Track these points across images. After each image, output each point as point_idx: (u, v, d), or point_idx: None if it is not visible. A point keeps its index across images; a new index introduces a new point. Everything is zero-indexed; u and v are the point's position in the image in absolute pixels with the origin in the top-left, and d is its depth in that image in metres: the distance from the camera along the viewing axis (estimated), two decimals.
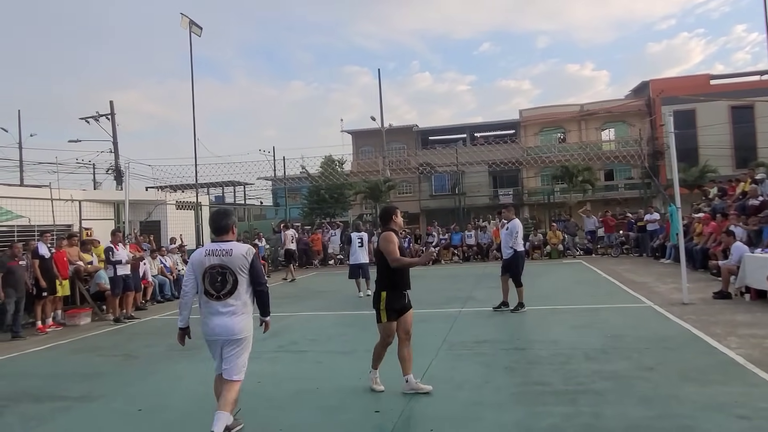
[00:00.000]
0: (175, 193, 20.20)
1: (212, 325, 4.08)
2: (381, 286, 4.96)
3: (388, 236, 4.97)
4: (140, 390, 5.69)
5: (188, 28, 19.63)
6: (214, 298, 4.03)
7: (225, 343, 4.09)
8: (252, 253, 4.11)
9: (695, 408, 4.23)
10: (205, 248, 4.14)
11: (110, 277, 10.40)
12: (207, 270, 4.00)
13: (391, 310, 4.93)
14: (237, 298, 4.04)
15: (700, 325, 7.12)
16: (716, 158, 32.34)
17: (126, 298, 10.58)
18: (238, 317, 4.05)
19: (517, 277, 9.14)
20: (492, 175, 40.54)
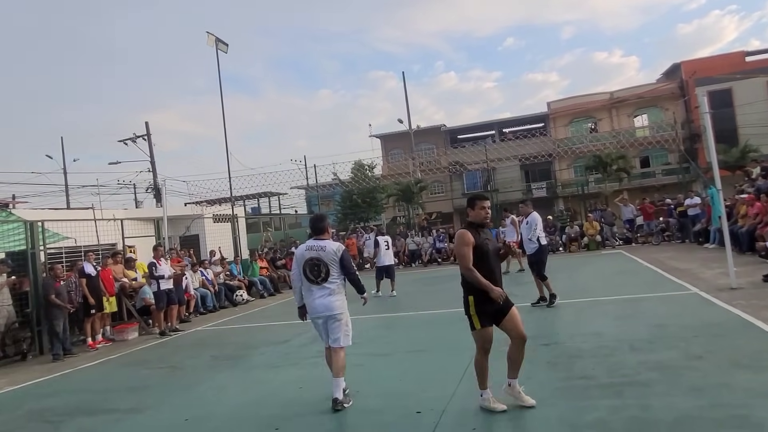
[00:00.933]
0: (212, 207, 20.60)
1: (314, 305, 5.13)
2: (466, 290, 4.40)
3: (460, 237, 4.39)
4: (186, 400, 5.82)
5: (215, 46, 20.05)
6: (314, 283, 5.12)
7: (327, 319, 5.14)
8: (342, 250, 5.20)
9: (748, 396, 4.07)
10: (306, 245, 5.25)
11: (154, 291, 10.65)
12: (306, 261, 5.11)
13: (483, 314, 4.34)
14: (331, 283, 5.10)
15: (750, 310, 6.85)
16: (757, 137, 31.09)
17: (170, 311, 10.83)
18: (334, 297, 5.13)
19: (541, 270, 9.00)
20: (524, 170, 40.02)
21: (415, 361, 6.41)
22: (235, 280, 15.11)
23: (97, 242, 12.17)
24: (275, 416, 4.91)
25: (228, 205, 20.93)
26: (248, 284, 15.59)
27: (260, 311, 12.97)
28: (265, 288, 15.96)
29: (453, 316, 9.20)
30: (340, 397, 4.89)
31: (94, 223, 12.56)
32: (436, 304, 10.84)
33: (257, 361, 7.36)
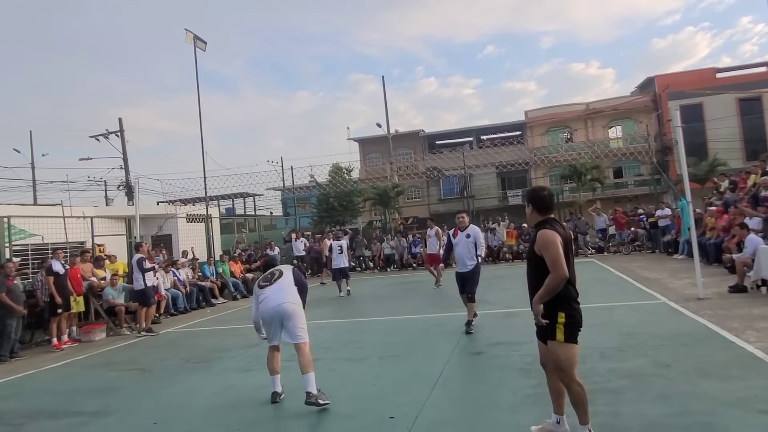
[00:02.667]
0: (186, 207, 20.30)
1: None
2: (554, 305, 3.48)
3: (544, 237, 3.47)
4: (154, 403, 5.71)
5: (193, 43, 19.81)
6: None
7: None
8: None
9: (714, 404, 4.17)
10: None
11: (141, 288, 10.53)
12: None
13: (574, 327, 3.51)
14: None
15: (716, 320, 7.03)
16: (726, 151, 32.04)
17: (148, 310, 10.75)
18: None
19: (475, 290, 7.95)
20: (500, 177, 40.44)
21: (389, 366, 6.39)
22: (207, 281, 14.89)
23: (65, 240, 11.88)
24: (246, 420, 4.85)
25: (202, 205, 20.67)
26: (221, 286, 15.38)
27: (233, 313, 12.80)
28: (238, 290, 15.78)
29: (427, 322, 9.24)
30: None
31: (62, 220, 12.26)
32: (411, 309, 10.85)
33: (229, 364, 7.25)
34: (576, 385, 3.51)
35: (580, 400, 3.52)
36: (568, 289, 3.47)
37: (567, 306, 3.46)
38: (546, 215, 3.64)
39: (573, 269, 3.54)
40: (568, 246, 3.54)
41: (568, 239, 3.59)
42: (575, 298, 3.52)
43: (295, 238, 21.04)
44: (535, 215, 3.65)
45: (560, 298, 3.46)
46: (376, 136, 38.64)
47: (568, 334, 3.46)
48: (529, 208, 3.69)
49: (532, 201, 3.68)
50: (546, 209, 3.65)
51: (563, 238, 3.48)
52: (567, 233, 3.61)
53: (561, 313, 3.45)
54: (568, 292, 3.47)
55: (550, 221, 3.60)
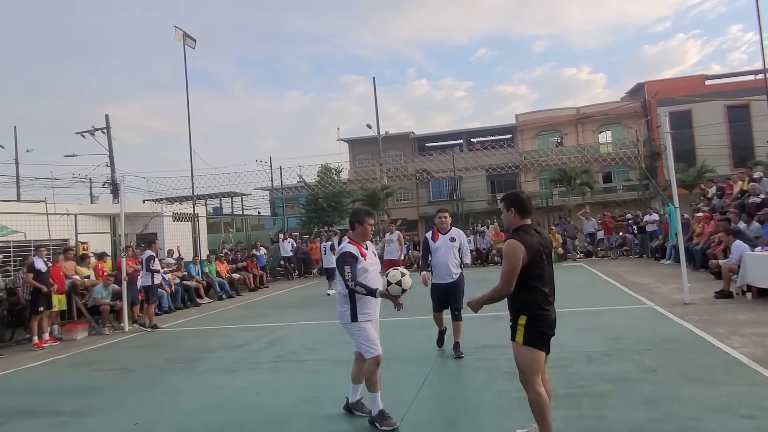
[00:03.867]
0: (172, 206, 20.13)
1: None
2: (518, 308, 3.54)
3: (507, 248, 3.48)
4: (137, 404, 5.61)
5: (182, 41, 19.66)
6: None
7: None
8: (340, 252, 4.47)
9: (699, 409, 4.17)
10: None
11: (148, 285, 10.84)
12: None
13: (536, 331, 3.47)
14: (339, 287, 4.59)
15: (702, 325, 7.06)
16: (714, 158, 32.34)
17: (149, 307, 10.84)
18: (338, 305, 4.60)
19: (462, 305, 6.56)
20: (490, 180, 40.53)
21: None
22: (192, 281, 14.76)
23: (48, 237, 11.71)
24: (230, 422, 4.78)
25: (189, 203, 20.51)
26: (206, 285, 15.25)
27: (218, 313, 12.68)
28: (224, 290, 15.65)
29: (415, 324, 9.19)
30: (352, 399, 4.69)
31: (45, 217, 12.09)
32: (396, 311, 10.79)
33: (213, 365, 7.16)
34: (532, 392, 3.48)
35: (535, 407, 3.49)
36: (534, 294, 3.46)
37: (530, 310, 3.46)
38: (525, 219, 3.62)
39: (547, 275, 3.55)
40: (542, 253, 3.51)
41: (545, 245, 3.58)
42: (543, 305, 3.48)
43: (282, 238, 20.93)
44: (517, 218, 3.62)
45: (524, 302, 3.48)
46: (366, 137, 38.59)
47: (528, 337, 3.45)
48: (511, 212, 3.63)
49: (513, 204, 3.63)
50: (526, 212, 3.63)
51: (534, 246, 3.45)
52: (545, 239, 3.63)
53: (523, 315, 3.48)
54: (533, 297, 3.46)
55: (525, 228, 3.57)
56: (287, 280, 20.51)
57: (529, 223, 3.62)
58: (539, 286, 3.48)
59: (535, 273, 3.45)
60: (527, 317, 3.46)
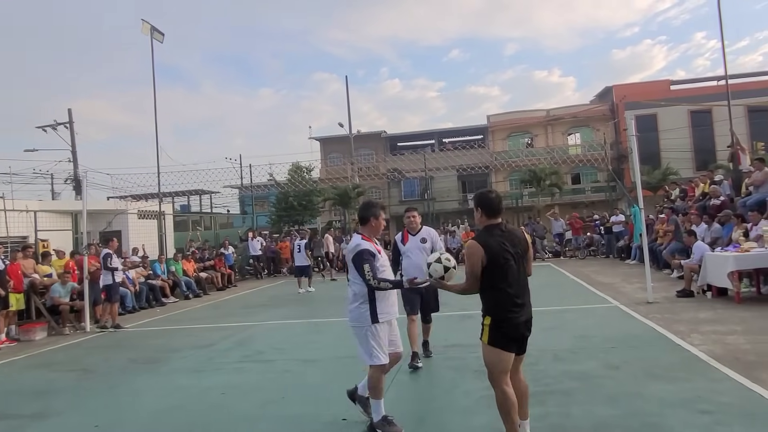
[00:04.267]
0: (138, 203, 19.68)
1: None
2: (485, 308, 3.52)
3: (467, 249, 3.51)
4: (97, 406, 5.45)
5: (150, 35, 19.24)
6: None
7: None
8: (355, 249, 4.11)
9: (660, 405, 4.26)
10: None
11: (108, 284, 10.45)
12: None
13: (500, 333, 3.44)
14: (350, 285, 4.24)
15: (664, 324, 7.23)
16: (677, 161, 33.27)
17: (104, 308, 10.51)
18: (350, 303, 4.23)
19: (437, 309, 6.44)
20: (461, 180, 40.84)
21: (344, 367, 6.29)
22: (158, 280, 14.45)
23: (6, 234, 11.31)
24: (195, 423, 4.68)
25: (155, 201, 20.08)
26: (172, 285, 14.95)
27: (184, 313, 12.45)
28: (191, 289, 15.38)
29: None
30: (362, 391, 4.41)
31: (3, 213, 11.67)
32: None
33: (178, 365, 7.01)
34: (499, 391, 3.49)
35: (500, 406, 3.49)
36: (497, 295, 3.43)
37: (494, 312, 3.45)
38: (492, 219, 3.55)
39: (514, 276, 3.46)
40: (508, 253, 3.42)
41: (514, 244, 3.48)
42: (508, 306, 3.43)
43: (251, 237, 20.69)
44: (484, 218, 3.57)
45: (488, 303, 3.48)
46: (338, 135, 38.42)
47: (492, 338, 3.44)
48: (478, 212, 3.60)
49: (479, 204, 3.59)
50: (492, 212, 3.55)
51: (495, 247, 3.39)
52: (515, 239, 3.53)
53: (488, 316, 3.47)
54: (496, 299, 3.44)
55: (489, 228, 3.52)
56: (256, 280, 20.29)
57: (496, 222, 3.55)
58: (504, 288, 3.42)
59: (497, 274, 3.40)
60: (491, 318, 3.45)
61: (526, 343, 3.63)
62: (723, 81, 18.97)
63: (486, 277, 3.42)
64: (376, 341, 4.09)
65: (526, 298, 3.56)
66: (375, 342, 4.09)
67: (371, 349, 4.09)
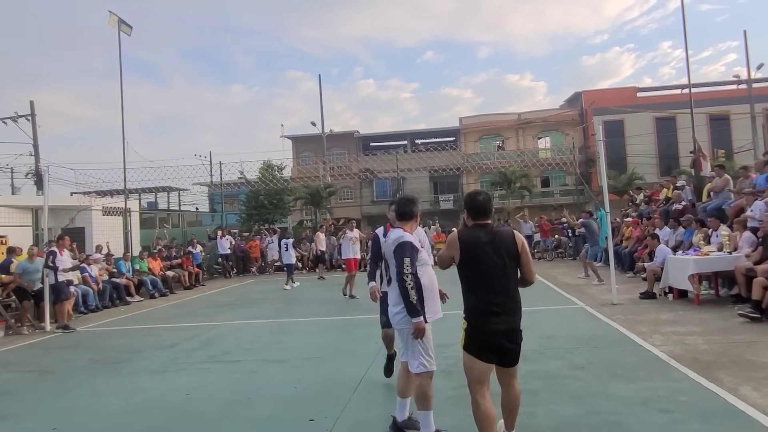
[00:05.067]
0: (102, 199, 19.17)
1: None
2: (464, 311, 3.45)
3: (448, 237, 3.58)
4: (55, 407, 5.28)
5: (117, 27, 18.77)
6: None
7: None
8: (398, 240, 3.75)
9: (621, 404, 4.35)
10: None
11: (51, 284, 10.02)
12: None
13: (473, 340, 3.35)
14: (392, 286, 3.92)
15: (627, 324, 7.39)
16: (643, 166, 34.14)
17: (60, 307, 10.15)
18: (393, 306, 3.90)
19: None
20: (433, 181, 41.07)
21: (311, 367, 6.25)
22: (122, 278, 14.11)
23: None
24: (157, 426, 4.58)
25: (121, 197, 19.62)
26: (137, 283, 14.62)
27: (148, 312, 12.18)
28: (157, 288, 15.06)
29: (351, 323, 9.17)
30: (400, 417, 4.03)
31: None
32: (337, 310, 10.74)
33: (141, 366, 6.84)
34: (472, 399, 3.36)
35: (474, 416, 3.37)
36: (473, 301, 3.34)
37: (469, 316, 3.37)
38: (479, 220, 3.43)
39: (493, 280, 3.30)
40: (486, 254, 3.28)
41: (500, 245, 3.32)
42: (484, 314, 3.27)
43: (220, 235, 20.40)
44: (470, 219, 3.47)
45: (466, 306, 3.40)
46: (311, 134, 38.18)
47: (466, 343, 3.36)
48: (464, 213, 3.54)
49: (465, 205, 3.53)
50: (477, 213, 3.43)
51: (471, 243, 3.32)
52: (502, 241, 3.35)
53: (464, 320, 3.39)
54: (472, 304, 3.35)
55: (474, 228, 3.42)
56: (225, 279, 20.00)
57: (483, 223, 3.42)
58: (479, 292, 3.30)
59: (471, 276, 3.31)
60: (467, 323, 3.37)
61: (512, 355, 3.40)
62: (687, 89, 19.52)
63: (462, 278, 3.36)
64: (424, 345, 3.75)
65: (510, 305, 3.32)
66: (422, 346, 3.74)
67: (419, 355, 3.74)
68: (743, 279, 7.94)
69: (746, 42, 27.60)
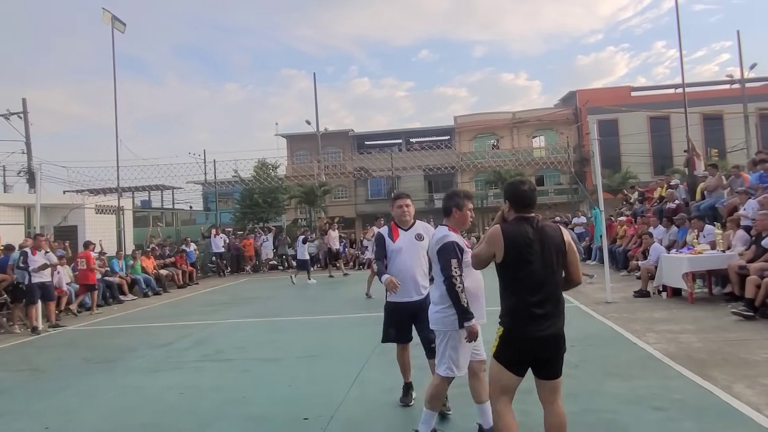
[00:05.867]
0: (95, 197, 19.07)
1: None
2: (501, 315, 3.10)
3: (489, 232, 3.17)
4: (48, 407, 5.24)
5: (110, 24, 18.66)
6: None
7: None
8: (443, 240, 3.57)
9: (616, 402, 4.35)
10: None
11: (25, 285, 9.83)
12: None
13: (508, 348, 3.02)
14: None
15: (621, 323, 7.41)
16: (637, 165, 34.32)
17: (47, 306, 10.01)
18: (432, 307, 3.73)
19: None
20: (427, 180, 41.08)
21: (306, 366, 6.23)
22: (116, 277, 14.04)
23: None
24: (150, 425, 4.55)
25: (114, 195, 19.52)
26: (131, 282, 14.55)
27: (142, 311, 12.13)
28: (150, 287, 15.00)
29: (346, 322, 9.15)
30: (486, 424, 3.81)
31: None
32: (332, 309, 10.72)
33: (134, 365, 6.81)
34: (493, 411, 3.13)
35: (495, 426, 3.15)
36: (513, 302, 2.97)
37: (507, 321, 2.98)
38: (523, 212, 3.03)
39: (540, 280, 2.94)
40: (534, 251, 2.91)
41: (548, 241, 2.96)
42: (524, 317, 2.92)
43: (214, 234, 20.33)
44: (511, 212, 3.07)
45: (504, 310, 3.01)
46: (305, 133, 38.12)
47: (497, 350, 3.01)
48: (506, 204, 3.11)
49: (506, 195, 3.12)
50: (521, 205, 3.03)
51: (519, 240, 2.92)
52: (550, 236, 2.98)
53: (499, 326, 3.03)
54: (512, 307, 2.97)
55: (518, 221, 3.01)
56: (219, 277, 19.94)
57: (527, 216, 3.02)
58: (522, 294, 2.93)
59: (516, 275, 2.94)
60: (503, 328, 2.99)
61: (556, 365, 3.09)
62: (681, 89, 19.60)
63: (502, 277, 3.02)
64: (456, 351, 3.60)
65: (552, 308, 2.97)
66: (453, 351, 3.60)
67: (447, 359, 3.62)
68: (736, 277, 7.98)
69: (739, 42, 27.78)
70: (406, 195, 4.76)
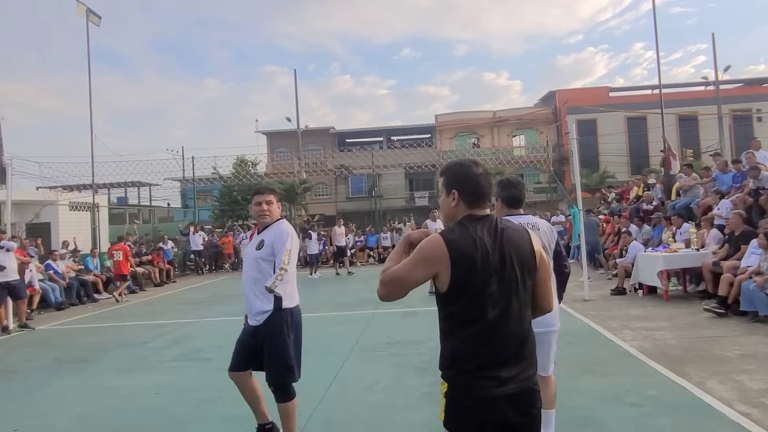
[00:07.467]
0: (70, 194, 18.69)
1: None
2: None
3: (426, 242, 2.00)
4: (17, 409, 5.10)
5: (85, 17, 18.28)
6: None
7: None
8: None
9: (593, 398, 4.40)
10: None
11: None
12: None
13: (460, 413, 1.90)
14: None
15: (598, 320, 7.50)
16: (614, 165, 34.79)
17: (18, 305, 9.74)
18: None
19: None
20: (408, 178, 41.16)
21: None
22: (90, 275, 13.77)
23: None
24: (124, 426, 4.45)
25: (89, 192, 19.15)
26: (105, 280, 14.29)
27: (117, 310, 11.91)
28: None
29: (327, 320, 9.10)
30: None
31: None
32: (311, 307, 10.65)
33: (108, 365, 6.68)
34: None
35: None
36: (461, 347, 1.95)
37: (451, 372, 1.97)
38: (476, 209, 2.02)
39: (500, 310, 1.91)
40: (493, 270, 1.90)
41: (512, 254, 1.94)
42: (478, 362, 1.89)
43: (193, 231, 20.08)
44: (460, 207, 2.03)
45: (448, 355, 2.00)
46: (286, 130, 37.84)
47: (447, 416, 1.94)
48: (451, 197, 2.06)
49: (449, 182, 2.12)
50: (472, 197, 2.02)
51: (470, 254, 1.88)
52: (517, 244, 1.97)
53: (443, 380, 2.00)
54: (456, 349, 1.97)
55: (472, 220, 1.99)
56: (197, 275, 19.71)
57: (483, 214, 2.03)
58: (473, 333, 1.91)
59: (465, 306, 1.91)
60: (449, 384, 1.96)
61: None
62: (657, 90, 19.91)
63: (442, 308, 2.01)
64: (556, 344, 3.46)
65: (523, 351, 1.95)
66: (556, 346, 3.47)
67: (554, 355, 3.49)
68: (710, 275, 8.14)
69: (714, 45, 28.44)
70: (270, 190, 4.06)
